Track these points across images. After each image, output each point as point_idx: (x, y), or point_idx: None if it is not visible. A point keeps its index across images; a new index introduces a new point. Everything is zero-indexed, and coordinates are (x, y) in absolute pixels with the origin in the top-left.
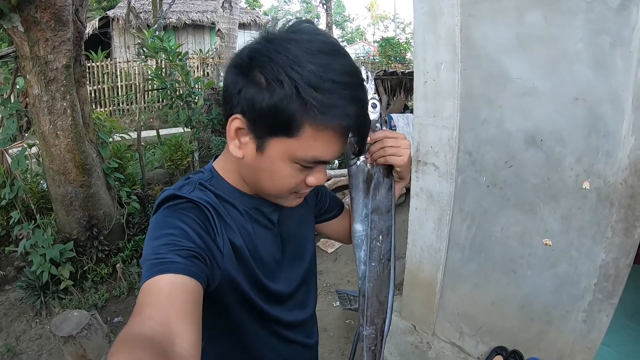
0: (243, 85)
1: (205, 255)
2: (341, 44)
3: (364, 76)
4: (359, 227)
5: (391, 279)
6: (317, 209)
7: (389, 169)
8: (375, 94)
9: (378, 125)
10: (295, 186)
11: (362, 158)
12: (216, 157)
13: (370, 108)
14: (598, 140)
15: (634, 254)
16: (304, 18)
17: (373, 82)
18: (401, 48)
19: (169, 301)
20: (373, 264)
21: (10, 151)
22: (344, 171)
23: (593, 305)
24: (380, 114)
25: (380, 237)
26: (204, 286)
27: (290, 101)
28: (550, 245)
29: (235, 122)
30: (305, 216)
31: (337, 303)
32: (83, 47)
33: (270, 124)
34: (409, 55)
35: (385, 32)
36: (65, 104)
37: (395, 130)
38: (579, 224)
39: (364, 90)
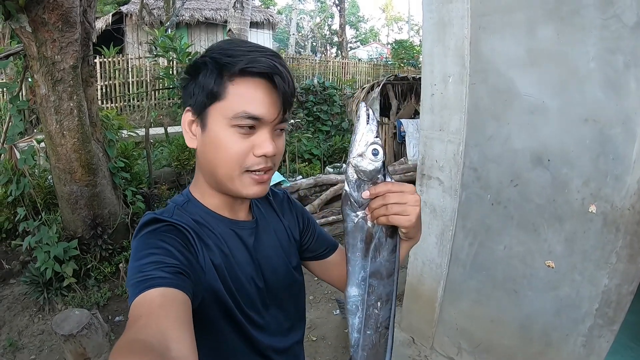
0: (186, 84)
1: (189, 271)
2: (354, 44)
3: (365, 114)
4: (353, 292)
5: (388, 348)
6: (302, 242)
7: (393, 227)
8: (377, 137)
9: (380, 176)
10: (242, 156)
11: (360, 213)
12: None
13: (370, 155)
14: (607, 163)
15: (638, 281)
16: (319, 19)
17: (375, 123)
18: (414, 51)
19: (161, 311)
20: (368, 332)
21: (18, 146)
22: None
23: (593, 330)
24: (384, 163)
25: (379, 303)
26: (191, 298)
27: (211, 71)
28: (552, 267)
29: (186, 115)
30: (284, 243)
31: (337, 311)
32: (91, 47)
33: (203, 99)
34: (421, 59)
35: (399, 34)
36: (72, 105)
37: (404, 135)
38: (583, 247)
39: (276, 55)
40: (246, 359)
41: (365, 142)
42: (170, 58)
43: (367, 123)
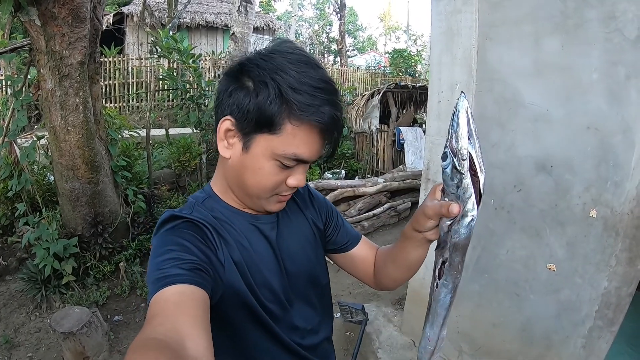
0: (233, 89)
1: (208, 267)
2: (352, 52)
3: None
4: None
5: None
6: (326, 234)
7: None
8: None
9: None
10: (277, 185)
11: (472, 233)
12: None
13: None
14: (607, 170)
15: (637, 283)
16: (317, 26)
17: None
18: (412, 60)
19: (177, 309)
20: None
21: (18, 142)
22: (350, 182)
23: (593, 332)
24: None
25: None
26: (209, 295)
27: (273, 101)
28: (554, 271)
29: (225, 123)
30: (308, 237)
31: (338, 314)
32: (98, 45)
33: (255, 122)
34: (419, 68)
35: (396, 43)
36: (77, 100)
37: (403, 143)
38: (583, 251)
39: (337, 96)
40: (270, 355)
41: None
42: (174, 59)
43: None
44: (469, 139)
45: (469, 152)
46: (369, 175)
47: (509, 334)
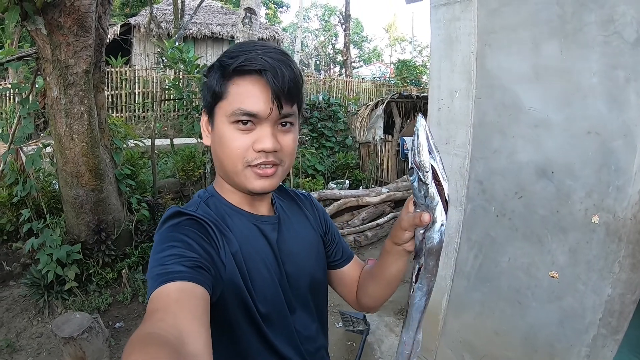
0: (203, 86)
1: (209, 265)
2: (358, 63)
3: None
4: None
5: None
6: (325, 245)
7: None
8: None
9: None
10: (242, 152)
11: (444, 238)
12: None
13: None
14: (609, 175)
15: None
16: (323, 38)
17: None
18: (417, 71)
19: (178, 305)
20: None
21: (25, 149)
22: (354, 192)
23: (597, 340)
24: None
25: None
26: (210, 293)
27: (215, 74)
28: (556, 278)
29: (202, 117)
30: (311, 240)
31: (340, 324)
32: (104, 54)
33: (211, 100)
34: (424, 79)
35: (402, 54)
36: (82, 109)
37: (407, 153)
38: (586, 257)
39: (277, 51)
40: (262, 357)
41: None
42: (179, 70)
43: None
44: (429, 153)
45: (431, 165)
46: (373, 185)
47: (512, 342)
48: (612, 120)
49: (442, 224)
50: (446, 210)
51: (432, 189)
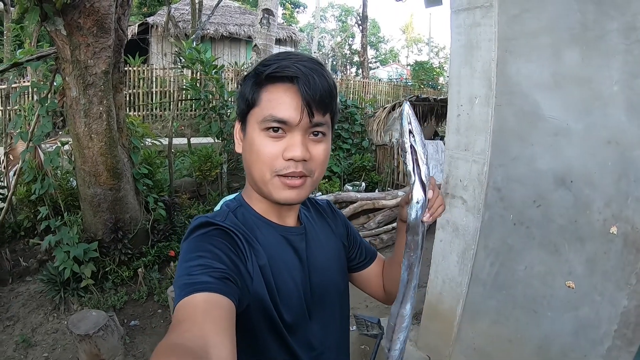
0: (237, 96)
1: (236, 277)
2: (374, 64)
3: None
4: (407, 308)
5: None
6: (347, 251)
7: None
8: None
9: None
10: (271, 160)
11: (420, 215)
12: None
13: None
14: (628, 185)
15: None
16: (340, 38)
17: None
18: (434, 73)
19: (204, 316)
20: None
21: (43, 147)
22: (370, 194)
23: (612, 352)
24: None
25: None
26: (236, 305)
27: (249, 81)
28: (573, 288)
29: (236, 126)
30: (335, 249)
31: (354, 327)
32: (123, 55)
33: (243, 106)
34: (441, 80)
35: (419, 55)
36: (101, 109)
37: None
38: (603, 268)
39: (311, 60)
40: None
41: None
42: (196, 70)
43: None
44: (411, 135)
45: (413, 146)
46: (389, 188)
47: (526, 351)
48: (632, 129)
49: (417, 201)
50: (424, 190)
51: (410, 168)
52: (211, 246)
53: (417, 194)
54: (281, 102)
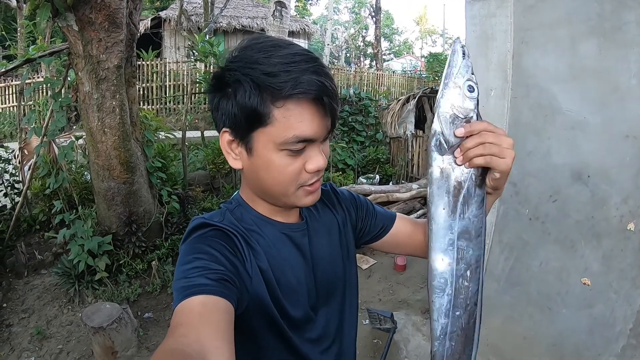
0: (217, 101)
1: (234, 278)
2: (388, 56)
3: (461, 50)
4: (440, 261)
5: (476, 331)
6: (360, 227)
7: (482, 175)
8: (472, 74)
9: (474, 115)
10: (295, 176)
11: (447, 158)
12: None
13: (466, 91)
14: None
15: None
16: (353, 30)
17: (470, 62)
18: None
19: (201, 320)
20: (457, 312)
21: (57, 141)
22: (384, 187)
23: (626, 350)
24: (478, 100)
25: (469, 272)
26: (234, 306)
27: (251, 94)
28: (588, 285)
29: (224, 136)
30: (338, 239)
31: (367, 321)
32: (135, 49)
33: (245, 122)
34: None
35: (433, 46)
36: (114, 103)
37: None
38: (619, 265)
39: (317, 63)
40: None
41: (462, 76)
42: (209, 63)
43: (464, 58)
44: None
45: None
46: (403, 181)
47: (539, 348)
48: None
49: (433, 132)
50: (444, 124)
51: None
52: (208, 247)
53: (435, 125)
54: (301, 119)
